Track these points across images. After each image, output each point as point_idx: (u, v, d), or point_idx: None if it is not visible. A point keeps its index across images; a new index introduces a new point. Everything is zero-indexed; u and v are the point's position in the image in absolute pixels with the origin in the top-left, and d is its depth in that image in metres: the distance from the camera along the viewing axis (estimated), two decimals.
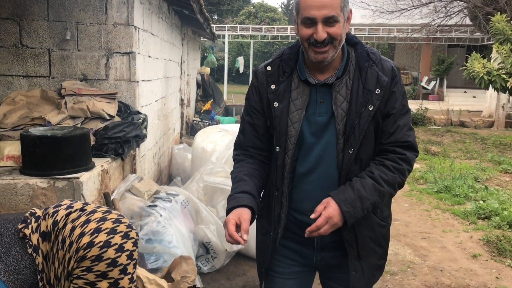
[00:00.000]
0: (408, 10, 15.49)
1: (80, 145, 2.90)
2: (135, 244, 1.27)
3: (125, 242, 1.24)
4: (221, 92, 13.43)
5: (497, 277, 3.98)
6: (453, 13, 15.73)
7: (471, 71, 10.56)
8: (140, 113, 3.78)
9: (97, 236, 1.21)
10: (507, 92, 10.57)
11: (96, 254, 1.20)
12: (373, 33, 21.19)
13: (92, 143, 3.32)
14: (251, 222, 1.69)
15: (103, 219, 1.26)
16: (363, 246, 1.80)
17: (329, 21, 1.61)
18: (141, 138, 3.64)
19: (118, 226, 1.26)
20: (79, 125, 3.36)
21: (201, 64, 14.31)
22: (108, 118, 3.48)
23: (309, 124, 1.75)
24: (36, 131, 2.84)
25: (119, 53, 3.81)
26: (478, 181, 7.28)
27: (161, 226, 3.18)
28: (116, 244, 1.22)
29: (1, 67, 3.75)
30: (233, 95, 20.31)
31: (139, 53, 3.97)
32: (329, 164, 1.75)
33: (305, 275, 1.96)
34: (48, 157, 2.76)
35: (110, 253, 1.20)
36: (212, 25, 10.67)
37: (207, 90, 12.15)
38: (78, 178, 2.79)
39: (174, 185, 5.38)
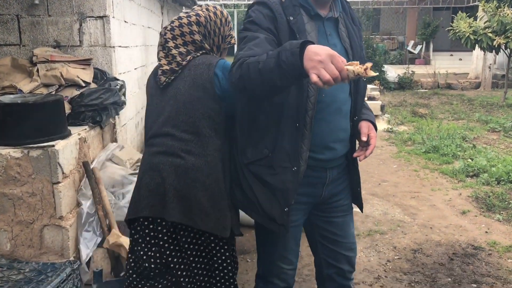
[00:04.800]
0: None
1: (54, 112, 2.77)
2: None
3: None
4: None
5: (486, 232, 3.98)
6: None
7: (457, 31, 10.49)
8: (118, 80, 3.63)
9: (215, 9, 2.08)
10: (494, 51, 10.53)
11: (226, 16, 2.09)
12: None
13: (68, 111, 3.19)
14: None
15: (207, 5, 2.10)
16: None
17: None
18: (119, 105, 3.50)
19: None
20: (53, 93, 3.22)
21: None
22: (83, 85, 3.34)
23: None
24: (5, 98, 2.71)
25: (93, 17, 3.64)
26: (466, 141, 7.27)
27: None
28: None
29: None
30: None
31: (113, 17, 3.80)
32: (345, 92, 1.86)
33: (302, 222, 2.03)
34: (19, 125, 2.63)
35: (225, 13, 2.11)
36: None
37: None
38: (53, 146, 2.67)
39: None
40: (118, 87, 3.53)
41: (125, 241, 2.78)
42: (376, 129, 1.91)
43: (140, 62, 5.16)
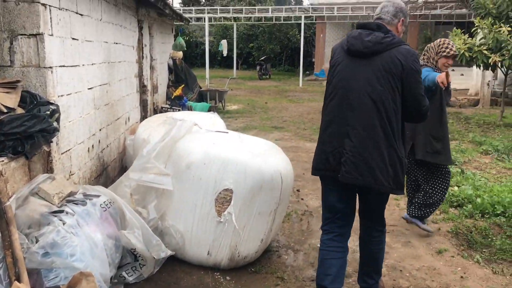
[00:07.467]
0: None
1: None
2: None
3: None
4: (195, 77, 12.86)
5: (461, 277, 3.57)
6: None
7: None
8: (51, 104, 3.29)
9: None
10: (490, 68, 10.14)
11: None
12: (357, 12, 20.62)
13: None
14: None
15: None
16: None
17: None
18: (49, 132, 3.16)
19: None
20: None
21: None
22: (5, 111, 3.00)
23: None
24: None
25: (25, 35, 3.30)
26: (456, 165, 6.86)
27: (61, 236, 2.72)
28: None
29: None
30: (217, 80, 19.56)
31: (51, 35, 3.47)
32: None
33: None
34: None
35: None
36: (192, 7, 10.05)
37: (179, 75, 11.61)
38: None
39: None
40: (49, 112, 3.19)
41: None
42: None
43: (99, 81, 4.83)
